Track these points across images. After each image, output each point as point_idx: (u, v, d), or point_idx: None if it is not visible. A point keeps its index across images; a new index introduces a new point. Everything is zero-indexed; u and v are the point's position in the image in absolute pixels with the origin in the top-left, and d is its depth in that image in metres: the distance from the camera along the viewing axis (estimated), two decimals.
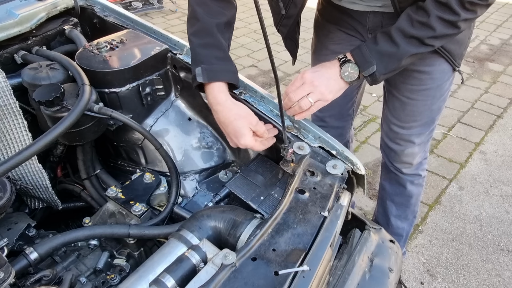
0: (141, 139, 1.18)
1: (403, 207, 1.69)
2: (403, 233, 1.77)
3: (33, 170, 1.10)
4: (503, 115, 3.19)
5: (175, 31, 4.56)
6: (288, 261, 0.74)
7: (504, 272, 1.94)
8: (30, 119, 1.14)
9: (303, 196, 0.89)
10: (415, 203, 1.69)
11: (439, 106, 1.36)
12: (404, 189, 1.62)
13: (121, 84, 1.10)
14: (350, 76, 1.03)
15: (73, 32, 1.30)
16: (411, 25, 0.97)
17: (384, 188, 1.72)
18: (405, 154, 1.49)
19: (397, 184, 1.64)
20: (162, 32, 1.28)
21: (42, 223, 1.21)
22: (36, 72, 1.06)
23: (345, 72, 1.02)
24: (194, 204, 1.11)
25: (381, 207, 1.78)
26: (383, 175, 1.71)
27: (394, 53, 0.98)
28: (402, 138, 1.44)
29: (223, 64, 0.99)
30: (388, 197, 1.71)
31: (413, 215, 1.74)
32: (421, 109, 1.35)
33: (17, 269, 0.82)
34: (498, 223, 2.21)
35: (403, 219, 1.73)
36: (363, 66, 1.01)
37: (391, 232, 1.75)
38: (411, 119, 1.38)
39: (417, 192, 1.65)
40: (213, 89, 0.98)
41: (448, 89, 1.34)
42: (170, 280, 0.72)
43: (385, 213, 1.75)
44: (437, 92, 1.30)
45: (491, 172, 2.59)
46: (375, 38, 1.01)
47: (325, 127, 1.65)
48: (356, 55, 1.02)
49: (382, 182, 1.73)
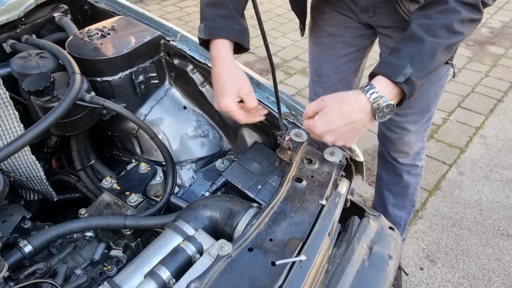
0: (136, 129, 1.16)
1: (401, 196, 1.67)
2: (401, 221, 1.75)
3: (27, 162, 1.08)
4: (504, 98, 3.16)
5: (171, 18, 4.48)
6: (285, 251, 0.73)
7: (504, 256, 1.94)
8: (21, 110, 1.12)
9: (301, 184, 0.88)
10: (413, 193, 1.66)
11: (436, 92, 1.30)
12: (401, 179, 1.59)
13: (113, 73, 1.07)
14: (385, 115, 0.84)
15: (63, 19, 1.26)
16: (429, 18, 0.86)
17: (381, 177, 1.70)
18: (401, 143, 1.45)
19: (393, 174, 1.61)
20: (155, 18, 1.24)
21: (38, 215, 1.20)
22: (26, 61, 1.03)
23: (379, 113, 0.83)
24: (191, 194, 1.10)
25: (378, 196, 1.77)
26: (379, 164, 1.69)
27: (424, 49, 0.84)
28: (398, 126, 1.39)
29: (226, 21, 0.95)
30: (385, 186, 1.69)
31: (412, 204, 1.71)
32: (416, 96, 1.26)
33: (11, 262, 0.81)
34: (498, 207, 2.21)
35: (401, 208, 1.71)
36: (395, 73, 0.82)
37: (389, 220, 1.71)
38: (406, 105, 1.31)
39: (414, 181, 1.62)
40: (215, 44, 0.94)
41: (445, 74, 1.28)
42: (165, 272, 0.71)
43: (383, 202, 1.73)
44: (433, 77, 1.25)
45: (492, 156, 2.57)
46: (393, 50, 0.87)
47: None
48: (384, 69, 0.84)
49: (379, 171, 1.71)
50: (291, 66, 3.53)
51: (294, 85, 3.26)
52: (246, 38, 0.97)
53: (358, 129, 0.86)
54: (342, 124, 0.83)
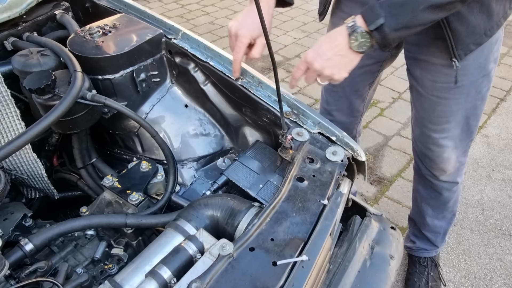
0: (137, 127, 1.15)
1: (440, 209, 1.58)
2: (441, 230, 1.68)
3: (28, 160, 1.08)
4: (506, 98, 3.14)
5: (172, 16, 4.48)
6: (287, 250, 0.73)
7: (505, 256, 1.94)
8: (23, 108, 1.11)
9: (302, 184, 0.87)
10: (453, 205, 1.58)
11: (475, 104, 1.21)
12: (440, 195, 1.51)
13: (115, 71, 1.07)
14: (361, 45, 0.91)
15: (65, 17, 1.26)
16: None
17: (418, 191, 1.60)
18: (440, 160, 1.36)
19: (431, 190, 1.52)
20: (156, 16, 1.24)
21: (39, 213, 1.20)
22: (27, 59, 1.03)
23: (354, 42, 0.91)
24: (192, 192, 1.10)
25: (416, 207, 1.68)
26: (416, 179, 1.59)
27: (407, 2, 0.85)
28: (435, 143, 1.31)
29: None
30: (423, 200, 1.60)
31: (452, 214, 1.63)
32: (453, 109, 1.21)
33: (12, 260, 0.80)
34: (500, 207, 2.20)
35: (440, 219, 1.63)
36: (370, 20, 0.87)
37: (428, 230, 1.67)
38: (443, 120, 1.25)
39: (455, 196, 1.54)
40: None
41: (486, 86, 1.19)
42: (166, 272, 0.71)
43: (421, 214, 1.65)
44: (471, 88, 1.17)
45: (494, 156, 2.56)
46: None
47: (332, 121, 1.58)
48: (364, 11, 0.89)
49: (415, 185, 1.61)
50: (292, 64, 3.52)
51: None
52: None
53: (341, 55, 0.93)
54: (327, 48, 0.93)
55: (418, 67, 1.22)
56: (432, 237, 1.70)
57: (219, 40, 3.98)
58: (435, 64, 1.16)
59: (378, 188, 2.33)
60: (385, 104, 3.03)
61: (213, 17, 4.51)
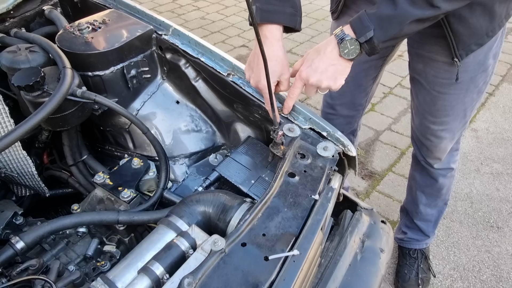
0: (128, 124, 1.15)
1: (433, 197, 1.66)
2: (432, 218, 1.74)
3: (17, 157, 1.07)
4: (495, 92, 3.18)
5: (163, 11, 4.44)
6: (278, 245, 0.73)
7: (493, 248, 1.98)
8: (12, 105, 1.10)
9: (294, 179, 0.88)
10: (446, 192, 1.65)
11: (472, 97, 1.26)
12: (436, 182, 1.58)
13: (105, 67, 1.06)
14: (351, 52, 0.93)
15: (53, 12, 1.24)
16: None
17: (414, 178, 1.67)
18: (437, 150, 1.43)
19: (428, 177, 1.59)
20: (147, 11, 1.23)
21: (30, 211, 1.19)
22: (15, 56, 1.02)
23: (344, 49, 0.93)
24: (185, 189, 1.10)
25: (410, 196, 1.75)
26: (413, 166, 1.66)
27: (394, 16, 0.88)
28: (434, 134, 1.38)
29: (279, 3, 0.96)
30: (418, 187, 1.67)
31: (444, 202, 1.70)
32: (453, 103, 1.26)
33: (3, 259, 0.80)
34: (488, 200, 2.24)
35: (433, 207, 1.70)
36: (360, 32, 0.90)
37: (420, 219, 1.73)
38: (443, 113, 1.31)
39: (449, 182, 1.61)
40: (268, 26, 0.96)
41: (484, 80, 1.23)
42: (158, 268, 0.71)
43: (414, 202, 1.71)
44: (470, 84, 1.21)
45: (482, 149, 2.60)
46: (377, 5, 0.92)
47: (334, 115, 1.60)
48: (354, 22, 0.92)
49: (412, 173, 1.68)
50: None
51: None
52: (298, 20, 1.01)
53: (334, 64, 0.94)
54: (318, 61, 0.95)
55: (421, 62, 1.25)
56: (424, 226, 1.75)
57: (210, 35, 3.96)
58: (437, 61, 1.18)
59: (369, 183, 2.35)
60: (376, 99, 3.05)
61: (204, 12, 4.48)
